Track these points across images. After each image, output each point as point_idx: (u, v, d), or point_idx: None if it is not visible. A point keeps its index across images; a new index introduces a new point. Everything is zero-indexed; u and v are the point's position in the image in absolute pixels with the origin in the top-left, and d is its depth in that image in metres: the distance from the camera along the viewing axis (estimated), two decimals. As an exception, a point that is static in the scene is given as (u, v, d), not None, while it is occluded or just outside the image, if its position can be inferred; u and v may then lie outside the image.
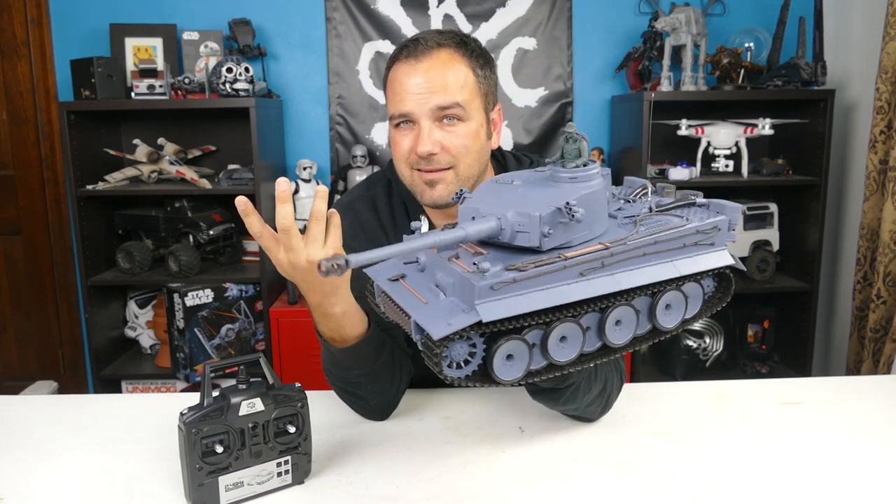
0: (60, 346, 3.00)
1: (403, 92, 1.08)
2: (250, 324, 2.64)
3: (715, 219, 0.83)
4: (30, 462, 1.03)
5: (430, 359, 0.73)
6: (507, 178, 0.87)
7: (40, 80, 2.79)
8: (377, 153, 2.88)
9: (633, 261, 0.78)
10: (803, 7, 2.57)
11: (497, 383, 0.76)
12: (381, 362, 1.07)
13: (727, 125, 2.58)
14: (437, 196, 1.10)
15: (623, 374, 1.14)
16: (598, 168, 0.82)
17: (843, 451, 1.04)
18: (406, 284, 0.80)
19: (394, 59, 1.11)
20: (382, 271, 0.85)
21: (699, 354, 2.71)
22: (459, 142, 1.08)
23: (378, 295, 0.88)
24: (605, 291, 0.76)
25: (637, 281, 0.78)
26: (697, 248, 0.82)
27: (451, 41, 1.09)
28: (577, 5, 2.83)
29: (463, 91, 1.07)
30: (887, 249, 2.23)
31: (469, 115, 1.08)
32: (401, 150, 1.11)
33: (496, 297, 0.70)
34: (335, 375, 1.10)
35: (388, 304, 0.85)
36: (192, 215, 2.61)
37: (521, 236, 0.74)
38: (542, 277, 0.72)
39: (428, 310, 0.74)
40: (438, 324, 0.70)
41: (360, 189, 1.26)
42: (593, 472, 0.98)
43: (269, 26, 2.80)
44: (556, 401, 1.04)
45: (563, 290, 0.74)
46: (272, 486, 0.92)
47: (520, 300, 0.72)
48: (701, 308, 0.88)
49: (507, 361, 0.75)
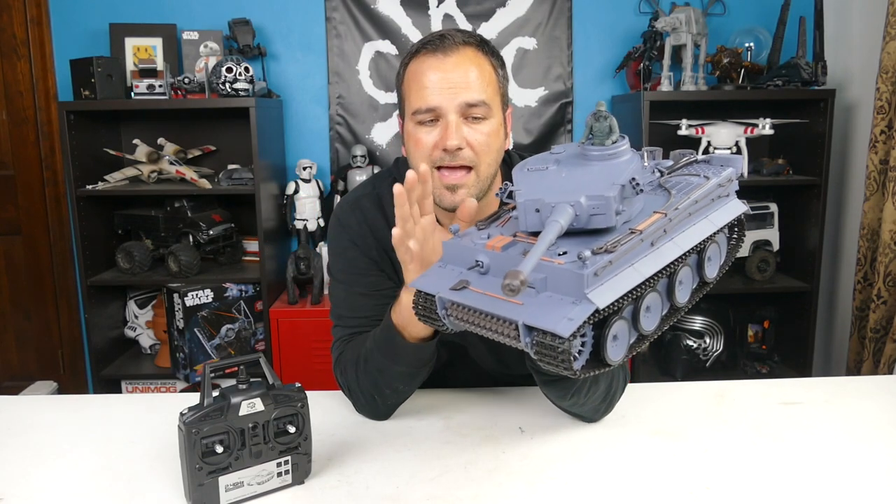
0: (60, 346, 3.00)
1: (431, 86, 1.05)
2: (250, 324, 2.64)
3: (727, 171, 0.89)
4: (30, 462, 1.03)
5: (552, 358, 0.72)
6: (534, 164, 0.86)
7: (40, 79, 2.79)
8: (377, 153, 2.88)
9: (682, 224, 0.81)
10: (803, 7, 2.57)
11: (607, 366, 0.77)
12: (426, 370, 1.08)
13: (727, 125, 2.58)
14: (458, 200, 1.07)
15: (627, 374, 1.15)
16: (627, 141, 0.83)
17: (843, 451, 1.04)
18: (477, 290, 0.76)
19: (414, 54, 1.09)
20: (436, 282, 0.81)
21: (699, 354, 2.70)
22: (484, 139, 1.07)
23: (443, 307, 0.81)
24: (674, 257, 0.79)
25: (692, 241, 0.81)
26: (719, 201, 0.88)
27: (473, 40, 1.09)
28: (577, 5, 2.83)
29: (488, 89, 1.07)
30: (887, 249, 2.23)
31: (492, 114, 1.08)
32: (423, 145, 1.07)
33: (599, 282, 0.71)
34: (375, 367, 1.08)
35: (464, 314, 0.78)
36: (192, 215, 2.61)
37: (596, 219, 0.75)
38: (628, 254, 0.74)
39: (529, 310, 0.71)
40: (558, 321, 0.69)
41: (365, 187, 1.25)
42: (593, 472, 0.98)
43: (269, 26, 2.80)
44: (567, 391, 1.04)
45: (645, 262, 0.76)
46: (272, 487, 0.92)
47: (617, 281, 0.72)
48: (727, 254, 0.94)
49: (614, 342, 0.76)
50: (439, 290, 0.79)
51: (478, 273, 0.79)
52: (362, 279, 1.18)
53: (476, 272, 0.79)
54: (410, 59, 1.10)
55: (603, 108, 0.83)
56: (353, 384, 1.13)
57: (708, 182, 0.86)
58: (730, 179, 0.89)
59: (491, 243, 0.79)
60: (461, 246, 0.82)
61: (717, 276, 0.91)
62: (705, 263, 0.88)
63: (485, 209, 1.09)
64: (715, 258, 0.90)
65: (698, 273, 0.88)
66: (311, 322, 2.53)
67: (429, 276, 0.83)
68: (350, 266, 1.19)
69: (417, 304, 0.85)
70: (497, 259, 0.77)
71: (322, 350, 2.27)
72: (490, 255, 0.78)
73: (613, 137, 0.82)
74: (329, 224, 1.25)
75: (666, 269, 0.79)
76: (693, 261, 0.86)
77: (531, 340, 0.72)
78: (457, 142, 1.05)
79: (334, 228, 1.23)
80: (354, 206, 1.21)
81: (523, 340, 0.72)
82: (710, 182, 0.86)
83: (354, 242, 1.19)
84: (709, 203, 0.86)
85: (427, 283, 0.82)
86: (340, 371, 1.16)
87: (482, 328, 0.77)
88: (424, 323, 0.86)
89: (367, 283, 1.18)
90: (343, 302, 1.20)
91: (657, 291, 0.80)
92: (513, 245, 0.79)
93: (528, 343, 0.72)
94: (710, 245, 0.88)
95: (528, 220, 0.78)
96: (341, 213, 1.22)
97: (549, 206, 0.76)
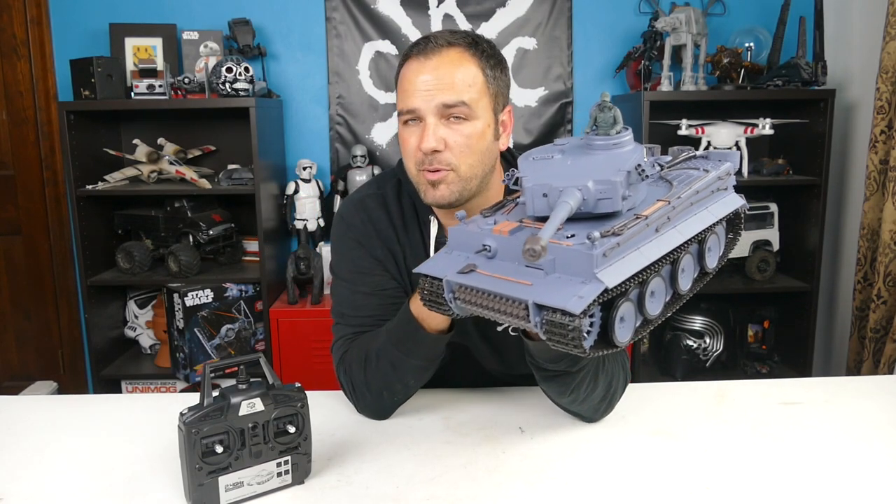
0: (60, 346, 3.00)
1: (412, 89, 1.07)
2: (250, 324, 2.64)
3: (726, 165, 0.93)
4: (30, 462, 1.03)
5: (562, 337, 0.73)
6: (539, 153, 0.87)
7: (40, 79, 2.79)
8: (377, 153, 2.88)
9: (684, 213, 0.84)
10: (803, 7, 2.57)
11: (615, 347, 0.78)
12: (437, 364, 1.10)
13: (727, 125, 2.58)
14: (438, 196, 1.09)
15: (628, 373, 1.15)
16: (631, 133, 0.85)
17: (843, 451, 1.04)
18: (485, 272, 0.78)
19: (405, 56, 1.12)
20: (443, 267, 0.82)
21: (699, 354, 2.70)
22: (463, 140, 1.07)
23: (450, 290, 0.81)
24: (677, 244, 0.81)
25: (693, 230, 0.84)
26: (718, 194, 0.91)
27: (462, 41, 1.09)
28: (577, 5, 2.83)
29: (470, 90, 1.07)
30: (888, 249, 2.23)
31: (475, 115, 1.08)
32: (409, 146, 1.10)
33: (608, 263, 0.72)
34: (388, 362, 1.09)
35: (471, 297, 0.79)
36: (192, 215, 2.61)
37: (602, 203, 0.77)
38: (634, 238, 0.76)
39: (539, 290, 0.73)
40: (568, 299, 0.70)
41: (370, 186, 1.26)
42: (593, 472, 0.98)
43: (269, 26, 2.80)
44: (567, 387, 1.04)
45: (650, 247, 0.78)
46: (272, 486, 0.92)
47: (624, 263, 0.74)
48: (725, 246, 0.97)
49: (621, 324, 0.77)
50: (446, 274, 0.80)
51: (485, 257, 0.80)
52: (366, 278, 1.18)
53: (483, 256, 0.80)
54: (403, 62, 1.12)
55: (607, 99, 0.84)
56: (359, 382, 1.13)
57: (708, 174, 0.89)
58: (728, 173, 0.92)
59: (498, 228, 0.80)
60: (467, 232, 0.83)
61: (717, 266, 0.93)
62: (706, 253, 0.90)
63: (482, 206, 1.09)
64: (714, 249, 0.93)
65: (699, 262, 0.90)
66: (311, 322, 2.53)
67: (435, 262, 0.83)
68: (354, 265, 1.19)
69: (424, 290, 0.85)
70: (504, 243, 0.78)
71: (322, 350, 2.27)
72: (497, 239, 0.79)
73: (617, 128, 0.84)
74: (333, 223, 1.26)
75: (669, 255, 0.81)
76: (694, 250, 0.88)
77: (541, 319, 0.73)
78: (432, 144, 1.06)
79: (339, 227, 1.23)
80: (359, 206, 1.22)
81: (533, 320, 0.73)
82: (710, 174, 0.89)
83: (359, 242, 1.19)
84: (709, 195, 0.88)
85: (434, 268, 0.83)
86: (344, 370, 1.15)
87: (490, 310, 0.78)
88: (430, 308, 0.87)
89: (370, 283, 1.18)
90: (346, 301, 1.20)
91: (661, 277, 0.82)
92: (520, 230, 0.80)
93: (537, 322, 0.73)
94: (710, 236, 0.90)
95: (536, 205, 0.80)
96: (346, 212, 1.23)
97: (557, 191, 0.77)
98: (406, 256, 1.20)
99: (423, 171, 1.09)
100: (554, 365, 1.01)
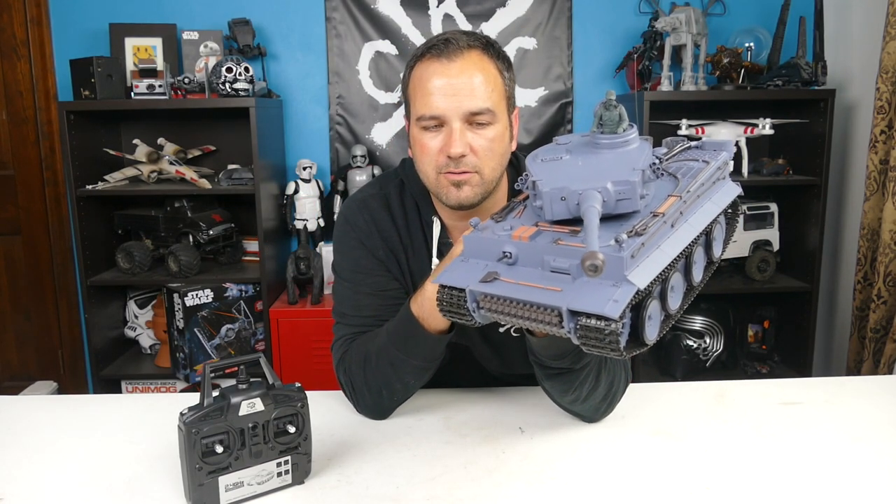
0: (60, 346, 3.00)
1: (435, 92, 1.05)
2: (250, 324, 2.64)
3: (723, 155, 0.94)
4: (30, 462, 1.03)
5: (598, 341, 0.72)
6: (546, 154, 0.86)
7: (40, 79, 2.79)
8: (377, 153, 2.88)
9: (693, 206, 0.84)
10: (803, 7, 2.57)
11: (645, 345, 0.78)
12: (436, 365, 1.10)
13: (727, 125, 2.58)
14: (463, 197, 1.09)
15: (629, 374, 1.15)
16: (636, 130, 0.85)
17: (843, 451, 1.04)
18: (510, 280, 0.77)
19: (419, 57, 1.09)
20: (464, 276, 0.80)
21: (699, 354, 2.70)
22: (487, 144, 1.07)
23: (473, 300, 0.80)
24: (691, 238, 0.81)
25: (703, 222, 0.84)
26: (719, 184, 0.92)
27: (478, 42, 1.08)
28: (577, 5, 2.83)
29: (493, 95, 1.06)
30: (888, 249, 2.23)
31: (497, 119, 1.07)
32: (429, 151, 1.08)
33: (635, 264, 0.72)
34: (388, 362, 1.08)
35: (497, 305, 0.77)
36: (192, 215, 2.61)
37: (622, 203, 0.77)
38: (654, 237, 0.76)
39: (571, 295, 0.72)
40: (604, 303, 0.69)
41: (373, 187, 1.25)
42: (593, 472, 0.98)
43: (268, 26, 2.80)
44: (570, 385, 1.04)
45: (670, 243, 0.78)
46: (272, 486, 0.92)
47: (650, 262, 0.74)
48: (726, 233, 0.98)
49: (649, 322, 0.77)
50: (469, 284, 0.79)
51: (506, 264, 0.78)
52: (368, 279, 1.18)
53: (504, 263, 0.79)
54: (416, 63, 1.09)
55: (613, 98, 0.84)
56: (358, 381, 1.13)
57: (709, 166, 0.90)
58: (725, 163, 0.94)
59: (517, 233, 0.79)
60: (484, 239, 0.81)
61: (721, 256, 0.95)
62: (713, 243, 0.91)
63: (491, 210, 1.09)
64: (719, 238, 0.94)
65: (706, 253, 0.91)
66: (311, 322, 2.53)
67: (453, 271, 0.82)
68: (356, 265, 1.19)
69: (442, 300, 0.83)
70: (525, 249, 0.77)
71: (322, 350, 2.27)
72: (518, 245, 0.78)
73: (623, 125, 0.83)
74: (336, 223, 1.25)
75: (685, 249, 0.81)
76: (703, 241, 0.89)
77: (575, 325, 0.73)
78: (460, 149, 1.05)
79: (341, 227, 1.22)
80: (362, 206, 1.21)
81: (567, 326, 0.73)
82: (711, 165, 0.90)
83: (362, 242, 1.19)
84: (710, 186, 0.89)
85: (453, 278, 0.81)
86: (344, 370, 1.15)
87: (517, 318, 0.77)
88: (449, 318, 0.85)
89: (372, 283, 1.18)
90: (347, 300, 1.20)
91: (678, 271, 0.83)
92: (539, 234, 0.79)
93: (571, 328, 0.73)
94: (715, 226, 0.91)
95: (555, 209, 0.79)
96: (349, 212, 1.22)
97: (576, 194, 0.76)
98: (408, 257, 1.20)
99: (444, 173, 1.08)
100: (557, 362, 1.01)
